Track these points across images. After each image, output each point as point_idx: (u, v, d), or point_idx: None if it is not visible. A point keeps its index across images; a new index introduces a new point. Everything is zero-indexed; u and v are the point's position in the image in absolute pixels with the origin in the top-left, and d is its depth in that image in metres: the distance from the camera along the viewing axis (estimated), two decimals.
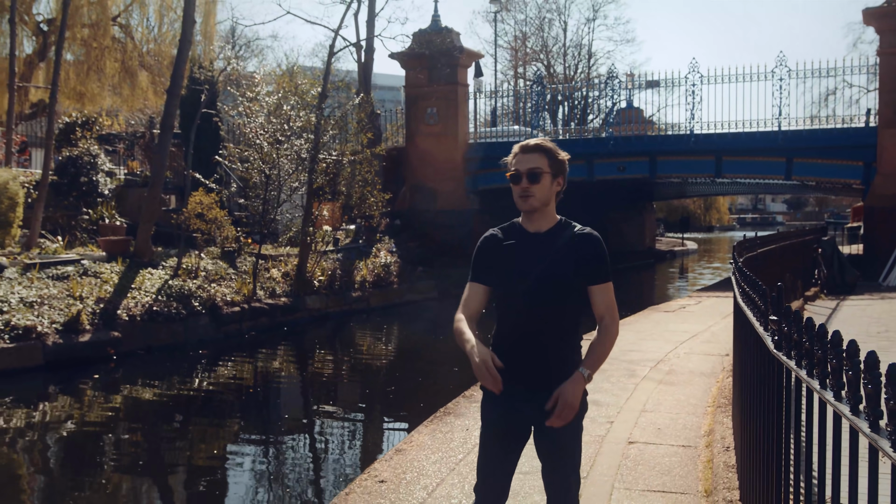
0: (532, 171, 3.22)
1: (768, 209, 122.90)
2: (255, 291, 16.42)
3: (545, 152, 3.27)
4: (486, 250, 3.36)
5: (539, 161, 3.24)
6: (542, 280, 3.19)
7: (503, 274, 3.28)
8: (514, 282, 3.23)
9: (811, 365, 2.53)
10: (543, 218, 3.29)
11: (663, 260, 42.72)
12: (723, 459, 5.61)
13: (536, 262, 3.21)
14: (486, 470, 3.37)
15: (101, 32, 27.74)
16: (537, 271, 3.20)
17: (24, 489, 7.82)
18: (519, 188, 3.25)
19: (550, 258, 3.21)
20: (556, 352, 3.24)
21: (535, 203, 3.24)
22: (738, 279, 5.08)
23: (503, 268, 3.28)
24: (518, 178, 3.24)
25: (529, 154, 3.25)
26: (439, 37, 25.91)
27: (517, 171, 3.25)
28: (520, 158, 3.27)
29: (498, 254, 3.31)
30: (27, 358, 11.79)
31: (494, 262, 3.31)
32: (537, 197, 3.24)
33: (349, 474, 7.88)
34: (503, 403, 3.27)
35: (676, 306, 17.09)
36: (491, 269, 3.32)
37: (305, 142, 17.37)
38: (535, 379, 3.23)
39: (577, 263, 3.21)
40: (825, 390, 2.33)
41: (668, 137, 25.22)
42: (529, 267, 3.22)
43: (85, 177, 18.50)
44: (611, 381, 8.87)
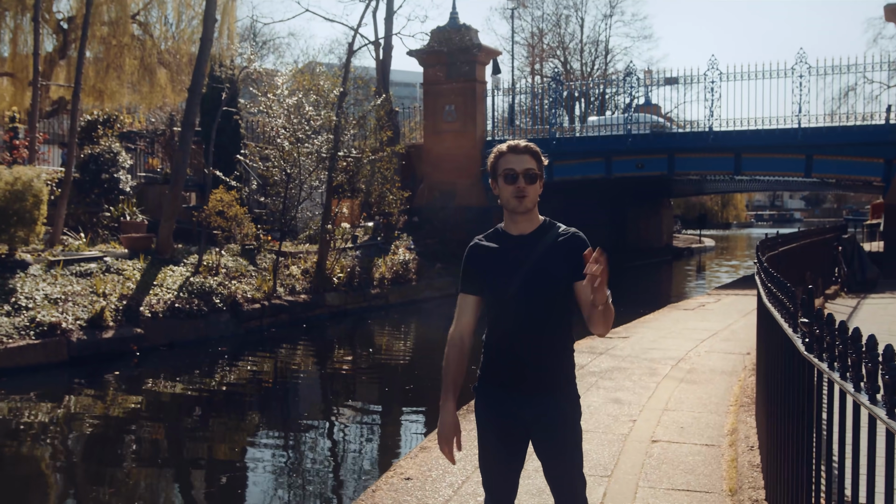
0: (528, 171, 3.22)
1: (786, 206, 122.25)
2: (275, 288, 16.53)
3: (534, 155, 3.27)
4: (473, 259, 3.34)
5: (531, 162, 3.24)
6: (530, 281, 3.18)
7: (491, 280, 3.25)
8: (501, 286, 3.21)
9: (844, 368, 2.55)
10: (530, 220, 3.28)
11: (681, 257, 42.62)
12: (747, 459, 5.62)
13: (523, 265, 3.20)
14: (489, 475, 3.38)
15: (120, 30, 27.91)
16: (524, 273, 3.19)
17: (50, 482, 7.93)
18: (514, 188, 3.22)
19: (536, 259, 3.20)
20: (548, 355, 3.22)
21: (530, 204, 3.24)
22: (763, 280, 5.09)
23: (490, 274, 3.26)
24: (514, 178, 3.22)
25: (522, 155, 3.24)
26: (458, 34, 25.94)
27: (512, 170, 3.22)
28: (511, 158, 3.24)
29: (485, 261, 3.29)
30: (53, 353, 11.94)
31: (482, 270, 3.29)
32: (531, 197, 3.23)
33: (370, 471, 7.95)
34: (498, 409, 3.28)
35: (696, 304, 17.07)
36: (479, 278, 3.30)
37: (326, 141, 17.45)
38: (528, 383, 3.23)
39: (564, 262, 3.18)
40: (859, 393, 2.35)
41: (687, 134, 25.15)
42: (516, 270, 3.20)
43: (106, 174, 18.66)
44: (632, 380, 8.89)
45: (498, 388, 3.29)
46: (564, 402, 3.28)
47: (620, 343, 11.50)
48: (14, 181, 13.04)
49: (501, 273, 3.24)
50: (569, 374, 3.32)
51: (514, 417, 3.27)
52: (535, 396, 3.23)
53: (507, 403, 3.27)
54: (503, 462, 3.34)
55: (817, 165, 23.07)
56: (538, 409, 3.24)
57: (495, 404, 3.29)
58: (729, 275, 32.14)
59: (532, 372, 3.23)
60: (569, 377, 3.32)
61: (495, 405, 3.29)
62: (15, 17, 27.33)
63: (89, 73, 27.88)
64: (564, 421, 3.27)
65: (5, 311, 12.16)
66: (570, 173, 25.61)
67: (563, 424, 3.26)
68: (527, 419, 3.26)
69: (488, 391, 3.33)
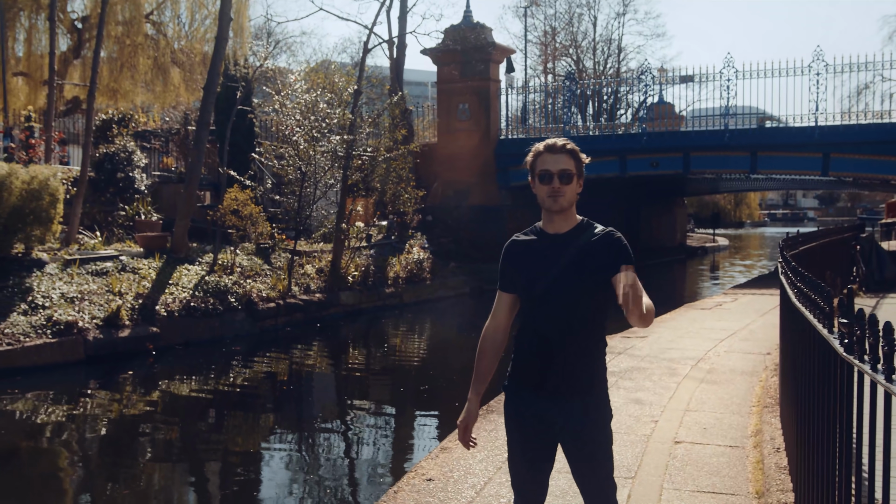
0: (564, 171, 3.18)
1: (799, 205, 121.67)
2: (289, 287, 16.51)
3: (572, 154, 3.23)
4: (510, 257, 3.31)
5: (568, 162, 3.20)
6: (564, 281, 3.13)
7: (526, 279, 3.22)
8: (534, 285, 3.18)
9: (890, 370, 2.48)
10: (565, 219, 3.24)
11: (695, 256, 42.44)
12: (774, 461, 5.55)
13: (556, 264, 3.16)
14: (518, 476, 3.34)
15: (134, 29, 27.99)
16: (557, 272, 3.14)
17: (66, 480, 7.91)
18: (549, 188, 3.18)
19: (571, 259, 3.15)
20: (580, 356, 3.18)
21: (565, 204, 3.20)
22: (792, 279, 5.01)
23: (526, 273, 3.22)
24: (549, 178, 3.18)
25: (558, 154, 3.20)
26: (472, 32, 25.87)
27: (548, 171, 3.19)
28: (547, 158, 3.21)
29: (521, 259, 3.26)
30: (69, 352, 11.95)
31: (518, 268, 3.26)
32: (567, 197, 3.19)
33: (386, 471, 7.91)
34: (528, 410, 3.24)
35: (712, 304, 16.95)
36: (515, 276, 3.27)
37: (341, 140, 17.42)
38: (560, 385, 3.18)
39: (600, 261, 3.13)
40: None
41: (703, 133, 24.99)
42: (550, 269, 3.16)
43: (121, 173, 18.69)
44: (652, 380, 8.81)
45: (529, 389, 3.24)
46: (596, 405, 3.23)
47: (639, 342, 11.42)
48: (30, 180, 13.06)
49: (535, 271, 3.20)
50: (601, 375, 3.26)
51: (545, 419, 3.22)
52: (567, 398, 3.18)
53: (538, 405, 3.22)
54: (532, 463, 3.29)
55: (834, 164, 22.89)
56: (569, 411, 3.18)
57: (525, 405, 3.24)
58: (743, 274, 31.96)
59: (564, 373, 3.18)
60: (601, 379, 3.27)
61: (525, 406, 3.25)
62: (30, 17, 27.42)
63: (103, 73, 27.97)
64: (595, 423, 3.22)
65: (22, 309, 12.18)
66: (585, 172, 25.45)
67: (594, 427, 3.21)
68: (558, 421, 3.21)
69: (519, 392, 3.28)
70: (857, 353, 2.86)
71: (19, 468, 8.27)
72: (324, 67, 22.03)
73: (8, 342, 11.42)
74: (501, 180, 26.20)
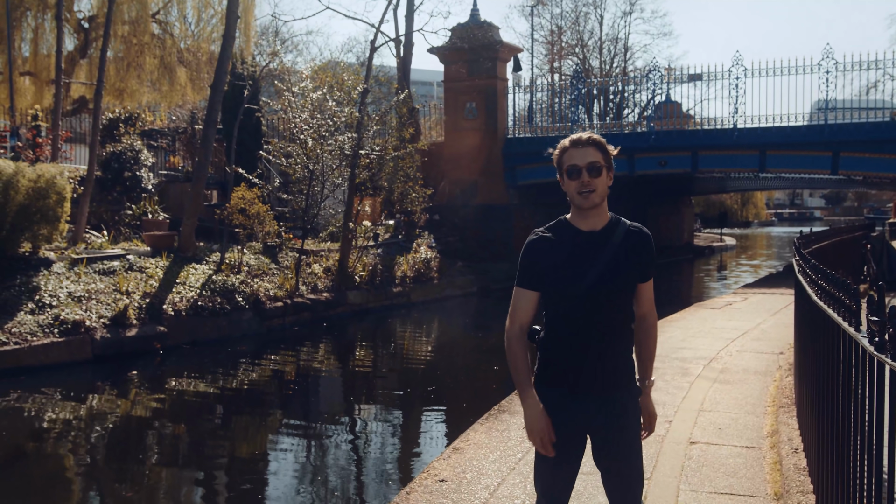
0: (592, 164, 3.08)
1: (806, 204, 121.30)
2: (297, 286, 16.45)
3: (598, 146, 3.13)
4: (538, 253, 3.14)
5: (595, 155, 3.10)
6: (606, 281, 3.05)
7: (562, 277, 3.09)
8: (573, 284, 3.06)
9: None
10: (599, 215, 3.14)
11: (702, 255, 42.26)
12: (793, 462, 5.45)
13: (597, 263, 3.06)
14: (545, 478, 3.26)
15: (140, 29, 28.00)
16: (599, 272, 3.05)
17: (73, 479, 7.86)
18: (578, 183, 3.08)
19: (611, 257, 3.07)
20: (613, 355, 3.12)
21: (597, 199, 3.10)
22: (813, 277, 4.92)
23: (561, 271, 3.09)
24: (578, 173, 3.08)
25: (584, 148, 3.10)
26: (480, 30, 25.78)
27: (576, 166, 3.09)
28: (573, 153, 3.11)
29: (552, 256, 3.11)
30: (76, 351, 11.90)
31: (549, 266, 3.11)
32: (598, 192, 3.09)
33: (395, 472, 7.83)
34: (558, 411, 3.15)
35: (722, 303, 16.84)
36: (545, 274, 3.12)
37: (349, 138, 17.35)
38: (594, 384, 3.12)
39: (633, 261, 3.10)
40: None
41: (711, 132, 24.87)
42: (590, 267, 3.06)
43: (128, 172, 18.66)
44: (664, 380, 8.72)
45: (559, 389, 3.15)
46: (626, 401, 3.18)
47: None
48: (37, 179, 13.01)
49: (572, 270, 3.09)
50: (630, 372, 3.22)
51: (577, 419, 3.15)
52: (601, 397, 3.12)
53: (570, 404, 3.15)
54: (561, 466, 3.22)
55: (844, 162, 22.74)
56: (603, 409, 3.13)
57: (555, 406, 3.15)
58: (751, 273, 31.80)
59: (594, 373, 3.12)
60: (630, 376, 3.23)
61: (555, 406, 3.15)
62: (36, 17, 27.47)
63: (110, 72, 27.97)
64: (628, 421, 3.17)
65: (29, 308, 12.14)
66: None
67: (624, 424, 3.16)
68: (590, 420, 3.14)
69: (547, 392, 3.18)
70: (890, 351, 2.77)
71: (26, 467, 8.22)
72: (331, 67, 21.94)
73: (15, 341, 11.37)
74: (509, 179, 26.11)
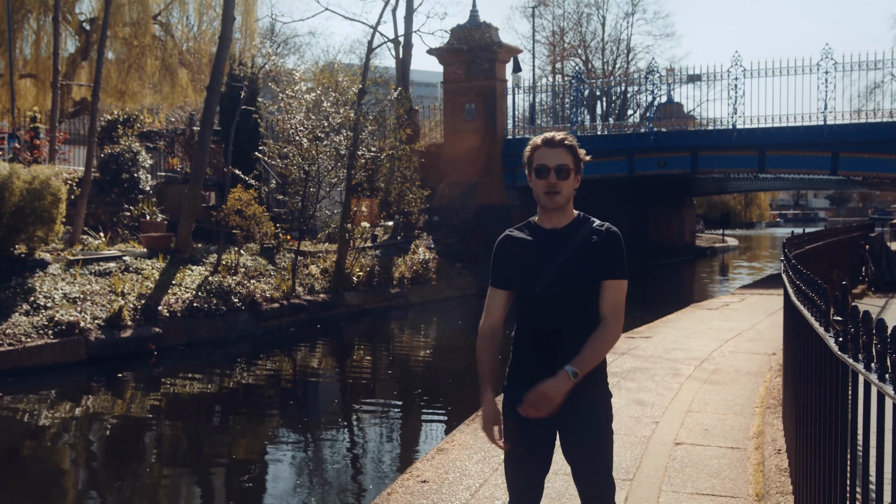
0: (561, 166, 3.13)
1: (810, 205, 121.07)
2: (293, 288, 16.45)
3: (570, 149, 3.17)
4: (504, 253, 3.24)
5: (566, 157, 3.15)
6: (563, 278, 3.08)
7: (523, 275, 3.16)
8: (533, 282, 3.12)
9: (883, 368, 2.39)
10: (563, 214, 3.19)
11: (703, 256, 42.23)
12: (774, 462, 5.44)
13: (555, 260, 3.11)
14: (514, 478, 3.27)
15: (141, 31, 28.07)
16: (556, 269, 3.09)
17: (69, 481, 7.88)
18: (546, 183, 3.13)
19: (570, 255, 3.11)
20: (577, 352, 3.10)
21: (562, 200, 3.15)
22: (792, 277, 4.91)
23: (522, 269, 3.16)
24: (546, 173, 3.13)
25: (556, 149, 3.15)
26: (478, 32, 25.76)
27: (545, 166, 3.13)
28: (545, 152, 3.15)
29: (516, 255, 3.20)
30: (71, 353, 11.92)
31: (512, 264, 3.20)
32: (563, 194, 3.15)
33: (387, 472, 7.82)
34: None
35: (719, 304, 16.82)
36: (510, 272, 3.21)
37: (345, 138, 17.36)
38: None
39: (596, 258, 3.11)
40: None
41: (711, 132, 24.83)
42: (548, 265, 3.11)
43: (126, 173, 18.69)
44: (655, 381, 8.71)
45: (526, 385, 3.16)
46: (596, 402, 3.19)
47: (643, 343, 11.31)
48: (32, 180, 13.03)
49: (532, 267, 3.14)
50: (601, 372, 3.21)
51: (546, 417, 3.13)
52: (568, 395, 3.10)
53: None
54: (530, 464, 3.24)
55: (844, 163, 22.68)
56: (569, 407, 3.11)
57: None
58: (753, 274, 31.76)
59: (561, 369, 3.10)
60: (601, 375, 3.21)
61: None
62: (38, 19, 27.53)
63: (111, 74, 28.06)
64: (597, 421, 3.17)
65: (24, 310, 12.16)
66: (592, 172, 25.36)
67: (595, 424, 3.17)
68: (557, 419, 3.14)
69: (517, 391, 3.19)
70: (852, 351, 2.77)
71: (21, 469, 8.23)
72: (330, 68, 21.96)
73: (10, 342, 11.39)
74: (508, 180, 26.09)
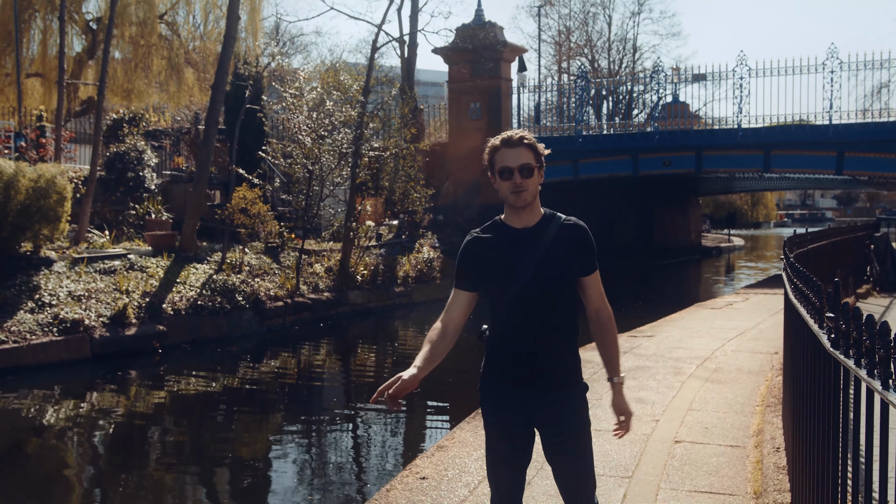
0: (524, 165, 3.13)
1: (817, 205, 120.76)
2: (298, 286, 16.49)
3: (530, 146, 3.18)
4: (471, 254, 3.22)
5: (527, 156, 3.15)
6: (538, 276, 3.09)
7: (495, 276, 3.16)
8: (507, 282, 3.12)
9: (872, 364, 2.40)
10: (531, 212, 3.19)
11: (709, 256, 42.17)
12: (773, 460, 5.45)
13: (529, 259, 3.12)
14: (496, 473, 3.30)
15: (147, 30, 28.13)
16: (531, 268, 3.10)
17: (73, 478, 7.91)
18: (511, 183, 3.13)
19: (543, 253, 3.12)
20: (553, 350, 3.15)
21: (529, 198, 3.15)
22: (789, 275, 4.92)
23: (494, 270, 3.16)
24: (510, 173, 3.13)
25: (516, 148, 3.15)
26: (482, 31, 25.76)
27: (508, 167, 3.14)
28: (505, 153, 3.16)
29: (485, 256, 3.19)
30: (75, 350, 11.97)
31: (483, 266, 3.19)
32: (530, 191, 3.15)
33: (390, 469, 7.84)
34: (503, 405, 3.22)
35: (723, 303, 16.81)
36: (479, 274, 3.20)
37: (347, 137, 17.38)
38: (533, 379, 3.16)
39: (569, 255, 3.12)
40: (888, 391, 2.21)
41: (715, 132, 24.79)
42: (522, 265, 3.11)
43: (132, 172, 18.74)
44: (656, 379, 8.72)
45: (503, 384, 3.21)
46: (571, 398, 3.20)
47: (645, 342, 11.31)
48: (37, 178, 13.09)
49: (504, 267, 3.15)
50: (575, 368, 3.24)
51: (520, 413, 3.19)
52: (541, 392, 3.16)
53: (513, 399, 3.20)
54: (510, 459, 3.26)
55: (849, 162, 22.63)
56: (545, 404, 3.16)
57: (500, 400, 3.23)
58: (758, 274, 31.71)
59: (538, 367, 3.16)
60: (575, 372, 3.24)
61: (500, 401, 3.23)
62: (44, 19, 27.61)
63: (118, 73, 28.15)
64: (573, 416, 3.19)
65: (29, 307, 12.21)
66: (597, 171, 25.39)
67: (571, 420, 3.18)
68: (533, 415, 3.18)
69: (493, 388, 3.25)
70: (843, 348, 2.78)
71: (25, 466, 8.27)
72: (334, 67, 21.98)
73: (14, 340, 11.44)
74: None
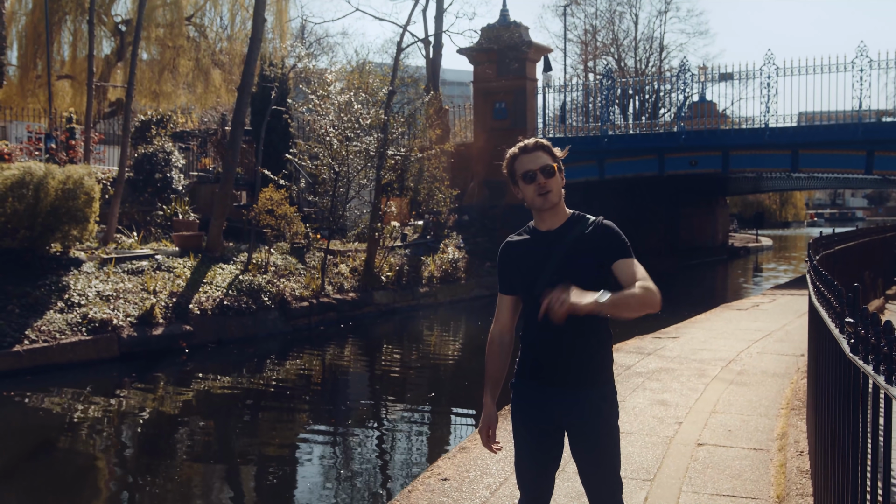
0: (545, 167, 3.20)
1: (847, 204, 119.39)
2: (323, 286, 16.58)
3: (546, 149, 3.26)
4: (506, 258, 3.36)
5: (545, 158, 3.22)
6: (561, 276, 3.10)
7: (523, 278, 3.25)
8: (532, 283, 3.19)
9: (890, 370, 2.39)
10: (556, 215, 3.26)
11: (737, 256, 41.83)
12: (796, 464, 5.42)
13: (552, 260, 3.17)
14: (524, 473, 3.34)
15: (175, 32, 28.41)
16: (554, 268, 3.15)
17: (102, 475, 8.03)
18: (535, 185, 3.20)
19: (565, 254, 3.16)
20: (581, 350, 3.18)
21: (555, 198, 3.21)
22: (812, 278, 4.89)
23: (522, 272, 3.26)
24: (533, 177, 3.20)
25: (534, 153, 3.23)
26: (507, 31, 25.75)
27: (530, 170, 3.21)
28: (524, 160, 3.23)
29: (517, 259, 3.30)
30: (104, 350, 12.13)
31: (514, 269, 3.30)
32: (555, 192, 3.21)
33: (413, 470, 7.87)
34: (533, 405, 3.26)
35: (749, 304, 16.68)
36: (513, 277, 3.32)
37: (375, 139, 17.46)
38: (563, 378, 3.19)
39: (595, 252, 3.14)
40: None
41: (742, 131, 24.58)
42: (546, 265, 3.18)
43: (159, 173, 18.94)
44: (680, 381, 8.68)
45: (533, 383, 3.26)
46: (600, 399, 3.22)
47: (670, 343, 11.26)
48: (66, 180, 13.26)
49: (532, 269, 3.22)
50: (605, 369, 3.26)
51: (550, 413, 3.22)
52: (571, 391, 3.18)
53: (543, 398, 3.23)
54: (538, 460, 3.30)
55: (879, 162, 22.33)
56: (573, 404, 3.18)
57: (531, 399, 3.27)
58: (786, 275, 31.42)
59: (567, 367, 3.19)
60: (605, 373, 3.26)
61: (531, 400, 3.27)
62: (75, 21, 27.95)
63: (145, 75, 28.44)
64: (600, 417, 3.20)
65: (58, 307, 12.39)
66: (622, 171, 25.28)
67: (599, 421, 3.20)
68: (562, 415, 3.20)
69: (524, 387, 3.30)
70: (862, 353, 2.77)
71: (56, 463, 8.40)
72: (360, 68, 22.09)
73: (45, 339, 11.62)
74: None
